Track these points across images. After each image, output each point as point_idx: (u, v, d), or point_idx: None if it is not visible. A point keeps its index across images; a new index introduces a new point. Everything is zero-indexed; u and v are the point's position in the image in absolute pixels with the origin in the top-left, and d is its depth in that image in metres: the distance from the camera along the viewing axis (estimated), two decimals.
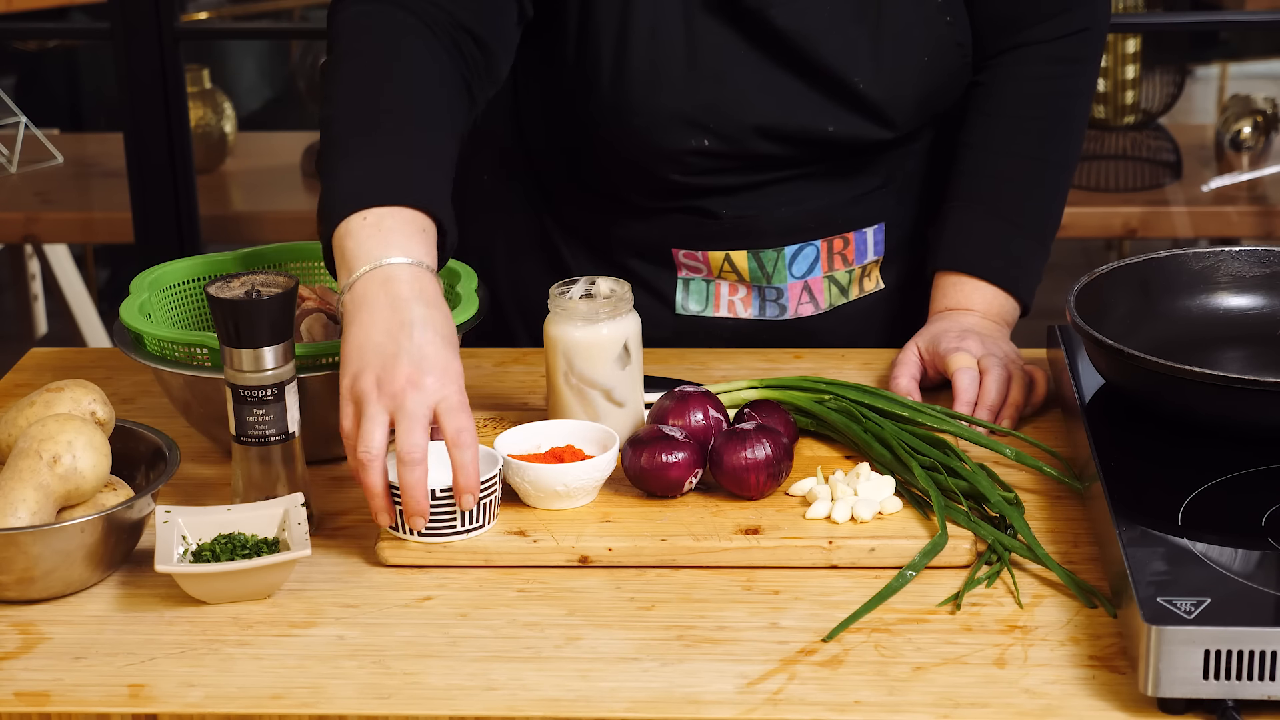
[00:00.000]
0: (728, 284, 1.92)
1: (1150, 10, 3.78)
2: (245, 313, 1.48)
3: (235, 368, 1.50)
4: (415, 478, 1.45)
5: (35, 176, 3.65)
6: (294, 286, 1.50)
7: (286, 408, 1.52)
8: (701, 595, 1.45)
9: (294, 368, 1.52)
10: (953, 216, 1.90)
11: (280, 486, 1.53)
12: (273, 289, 1.49)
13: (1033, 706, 1.29)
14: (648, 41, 1.80)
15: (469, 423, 1.46)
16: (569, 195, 1.95)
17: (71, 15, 4.67)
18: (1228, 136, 3.49)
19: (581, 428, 1.59)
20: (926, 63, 1.84)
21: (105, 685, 1.35)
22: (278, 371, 1.51)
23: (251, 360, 1.50)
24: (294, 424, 1.53)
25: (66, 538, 1.43)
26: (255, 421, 1.51)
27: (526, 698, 1.32)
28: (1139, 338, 1.63)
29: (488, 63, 1.75)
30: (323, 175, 1.60)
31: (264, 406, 1.51)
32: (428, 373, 1.47)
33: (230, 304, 1.48)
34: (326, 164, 1.60)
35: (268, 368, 1.50)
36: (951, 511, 1.51)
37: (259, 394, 1.51)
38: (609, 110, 1.82)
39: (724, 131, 1.82)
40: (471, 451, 1.46)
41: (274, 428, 1.52)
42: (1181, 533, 1.40)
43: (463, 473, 1.46)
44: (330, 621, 1.43)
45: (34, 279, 4.39)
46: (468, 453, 1.46)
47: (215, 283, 1.51)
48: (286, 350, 1.51)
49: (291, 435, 1.53)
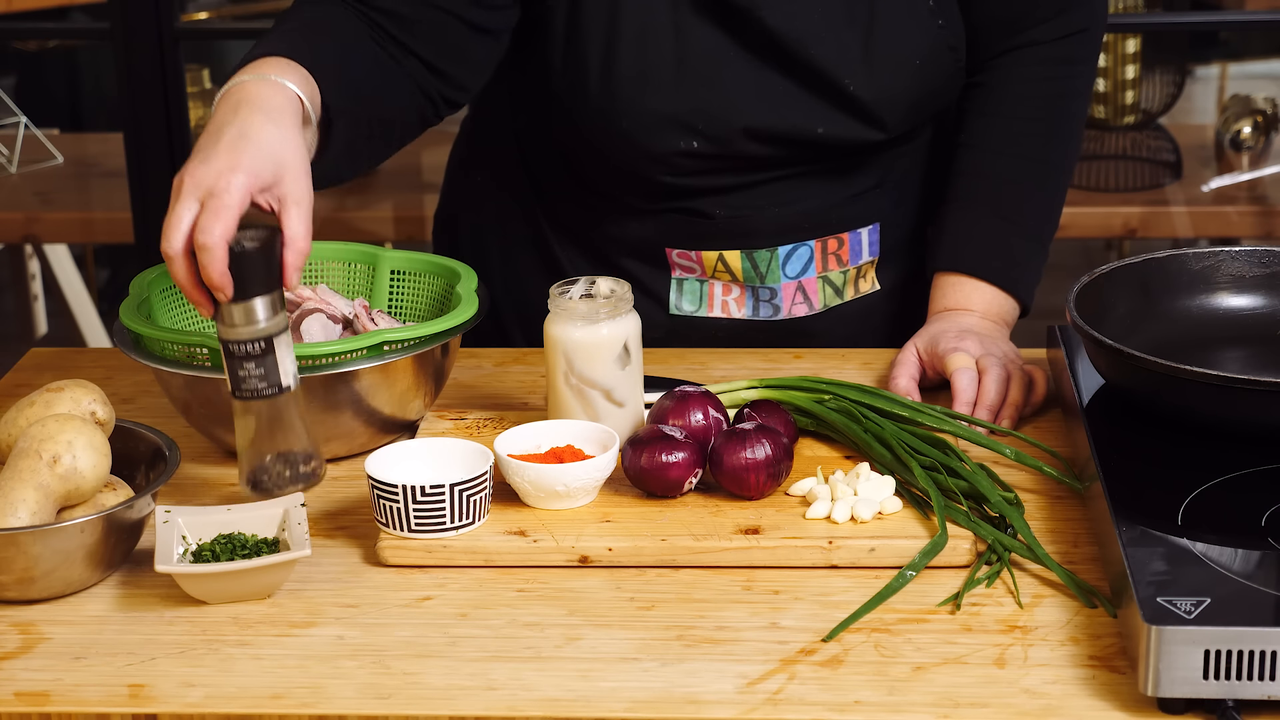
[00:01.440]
0: (721, 284, 1.92)
1: (1150, 10, 3.77)
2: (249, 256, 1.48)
3: (224, 323, 1.49)
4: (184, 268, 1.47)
5: (35, 176, 3.65)
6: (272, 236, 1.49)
7: (278, 361, 1.50)
8: (701, 595, 1.45)
9: (284, 320, 1.51)
10: (952, 217, 1.90)
11: (280, 442, 1.52)
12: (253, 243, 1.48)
13: (1033, 706, 1.29)
14: (636, 43, 1.80)
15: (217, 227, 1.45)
16: (563, 195, 1.95)
17: (71, 15, 4.67)
18: (1228, 136, 3.49)
19: (581, 428, 1.59)
20: (918, 65, 1.84)
21: (105, 685, 1.35)
22: (265, 326, 1.49)
23: (239, 314, 1.48)
24: (288, 377, 1.51)
25: (66, 538, 1.43)
26: (247, 376, 1.50)
27: (526, 698, 1.32)
28: (1139, 338, 1.63)
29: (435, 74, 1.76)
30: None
31: (253, 360, 1.49)
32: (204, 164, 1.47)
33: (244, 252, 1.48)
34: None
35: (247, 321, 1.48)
36: (951, 511, 1.51)
37: (247, 348, 1.49)
38: (597, 113, 1.82)
39: (713, 133, 1.82)
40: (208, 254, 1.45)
41: (265, 381, 1.50)
42: (1181, 533, 1.40)
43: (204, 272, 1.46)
44: (330, 621, 1.43)
45: (34, 279, 4.39)
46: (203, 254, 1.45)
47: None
48: (272, 303, 1.49)
49: (285, 389, 1.51)
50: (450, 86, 1.78)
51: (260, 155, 1.49)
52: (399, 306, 1.82)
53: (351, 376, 1.62)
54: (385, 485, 1.50)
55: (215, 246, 1.45)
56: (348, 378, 1.62)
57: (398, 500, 1.49)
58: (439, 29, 1.76)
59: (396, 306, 1.82)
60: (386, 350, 1.63)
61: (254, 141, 1.49)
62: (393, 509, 1.50)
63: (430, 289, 1.80)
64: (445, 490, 1.49)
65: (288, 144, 1.51)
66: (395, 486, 1.49)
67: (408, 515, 1.50)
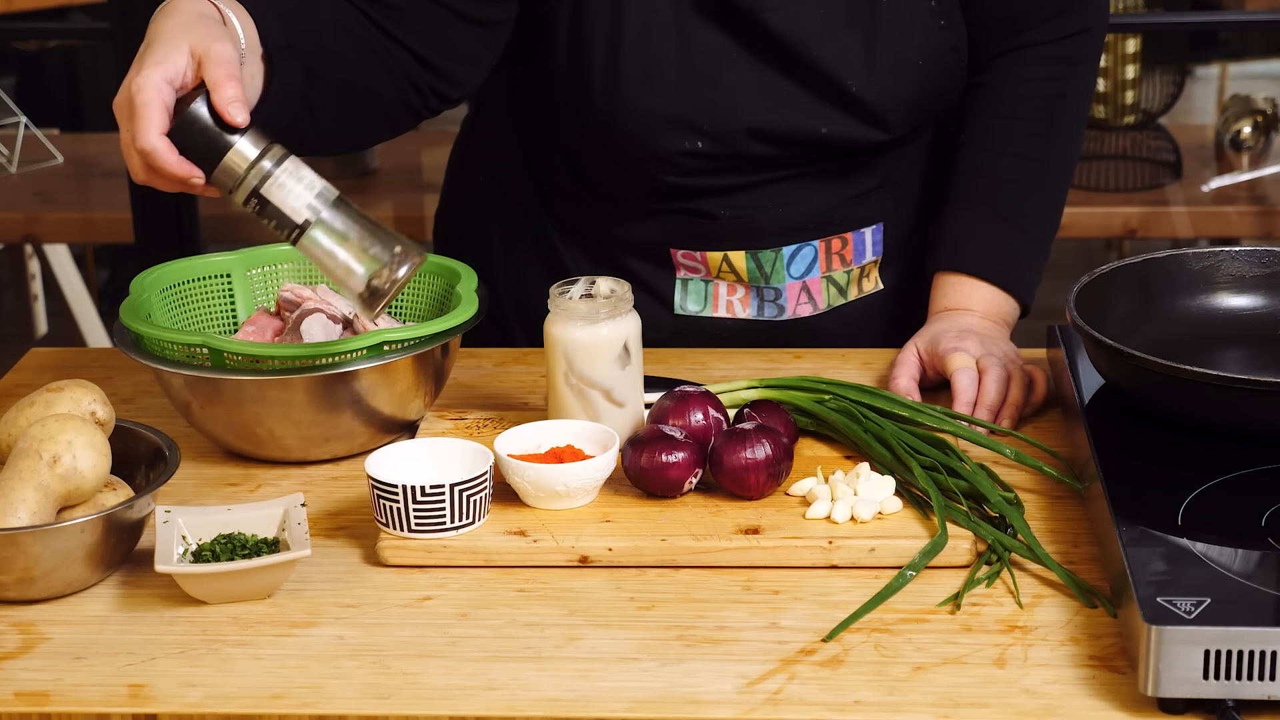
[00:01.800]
0: (726, 284, 1.92)
1: (1150, 10, 3.77)
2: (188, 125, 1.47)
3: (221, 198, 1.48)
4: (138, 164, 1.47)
5: (35, 176, 3.65)
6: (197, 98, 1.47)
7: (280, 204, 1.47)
8: (701, 595, 1.45)
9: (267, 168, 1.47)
10: (952, 217, 1.90)
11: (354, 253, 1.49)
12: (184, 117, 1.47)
13: (1033, 706, 1.29)
14: (640, 44, 1.80)
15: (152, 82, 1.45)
16: (567, 195, 1.95)
17: (71, 15, 4.67)
18: (1228, 136, 3.49)
19: (581, 428, 1.59)
20: (920, 66, 1.84)
21: (105, 685, 1.35)
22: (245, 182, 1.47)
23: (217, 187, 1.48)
24: (304, 211, 1.48)
25: (66, 538, 1.43)
26: (271, 228, 1.49)
27: (526, 698, 1.32)
28: (1139, 338, 1.63)
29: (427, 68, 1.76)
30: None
31: (263, 216, 1.49)
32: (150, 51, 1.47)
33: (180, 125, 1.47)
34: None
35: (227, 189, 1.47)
36: (951, 511, 1.51)
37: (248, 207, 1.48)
38: (601, 114, 1.82)
39: (717, 134, 1.82)
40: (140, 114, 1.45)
41: (284, 227, 1.49)
42: (1181, 533, 1.40)
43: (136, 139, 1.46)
44: (330, 621, 1.43)
45: (34, 279, 4.39)
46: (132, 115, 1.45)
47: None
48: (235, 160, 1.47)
49: (305, 224, 1.48)
50: (441, 80, 1.78)
51: (166, 47, 1.49)
52: (399, 306, 1.82)
53: (351, 376, 1.62)
54: (385, 485, 1.50)
55: (153, 149, 1.46)
56: (348, 378, 1.62)
57: (398, 500, 1.49)
58: (428, 19, 1.75)
59: (396, 306, 1.82)
60: (386, 350, 1.63)
61: (158, 41, 1.49)
62: (393, 509, 1.50)
63: (430, 289, 1.80)
64: (445, 490, 1.49)
65: (190, 28, 1.50)
66: (395, 486, 1.49)
67: (408, 515, 1.50)
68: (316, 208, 1.49)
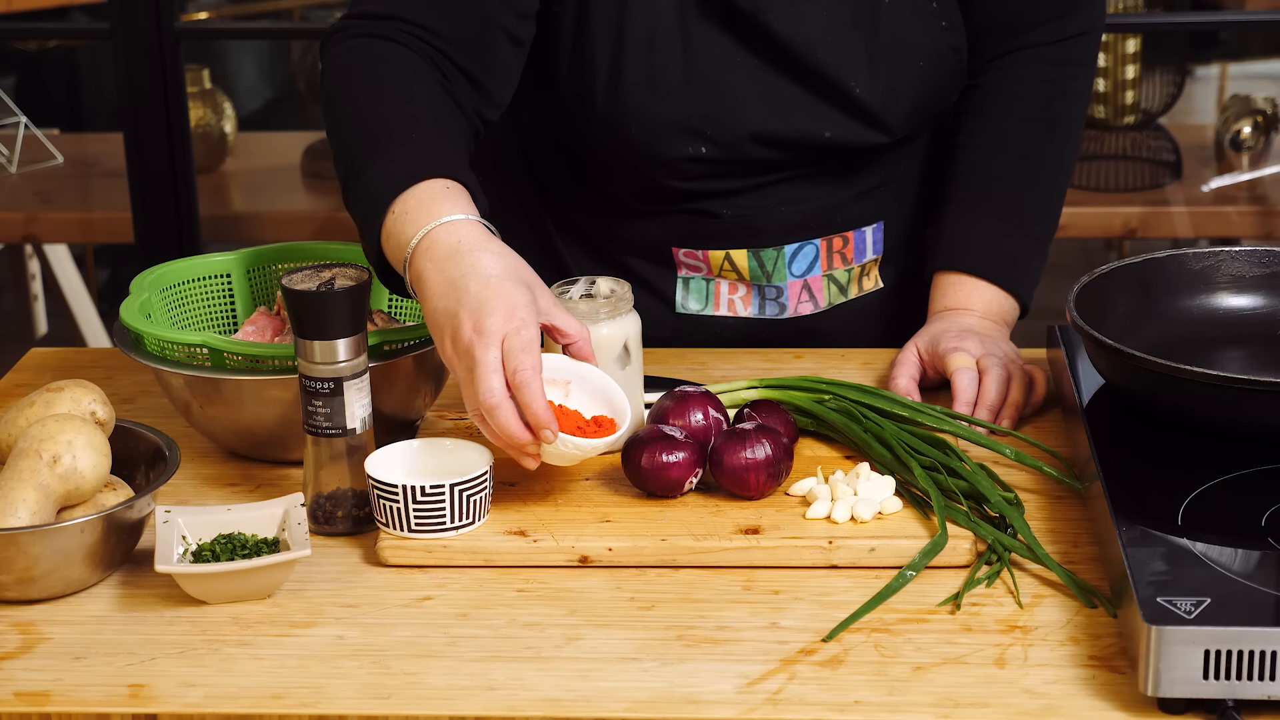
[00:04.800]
0: (728, 283, 1.92)
1: (1150, 10, 3.78)
2: (310, 304, 1.50)
3: (303, 357, 1.52)
4: (511, 411, 1.46)
5: (35, 176, 3.65)
6: (361, 278, 1.52)
7: (345, 404, 1.52)
8: (701, 595, 1.45)
9: (360, 365, 1.52)
10: (952, 217, 1.90)
11: (337, 480, 1.54)
12: (346, 281, 1.51)
13: (1033, 706, 1.29)
14: (644, 50, 1.80)
15: (529, 361, 1.46)
16: (567, 195, 1.95)
17: (71, 15, 4.67)
18: (1228, 136, 3.49)
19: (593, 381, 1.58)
20: (922, 68, 1.84)
21: (105, 685, 1.35)
22: (340, 367, 1.51)
23: (319, 352, 1.51)
24: (354, 420, 1.53)
25: (66, 538, 1.43)
26: (313, 412, 1.53)
27: (526, 698, 1.32)
28: (1139, 338, 1.63)
29: (477, 90, 1.75)
30: (352, 183, 1.61)
31: (321, 399, 1.52)
32: (487, 316, 1.47)
33: (295, 295, 1.50)
34: (356, 169, 1.61)
35: (324, 359, 1.51)
36: (951, 511, 1.51)
37: (314, 385, 1.52)
38: (605, 119, 1.82)
39: (721, 139, 1.82)
40: (529, 390, 1.45)
41: (330, 421, 1.52)
42: (1181, 533, 1.40)
43: (526, 411, 1.46)
44: (330, 621, 1.43)
45: (34, 279, 4.39)
46: (524, 392, 1.45)
47: (300, 272, 1.53)
48: (353, 346, 1.51)
49: (349, 431, 1.53)
50: (485, 101, 1.77)
51: (517, 286, 1.50)
52: (399, 306, 1.82)
53: None
54: (385, 485, 1.50)
55: (531, 382, 1.45)
56: None
57: (398, 500, 1.49)
58: (481, 42, 1.74)
59: (397, 306, 1.82)
60: (386, 350, 1.63)
61: (502, 279, 1.50)
62: (393, 509, 1.50)
63: None
64: (445, 490, 1.49)
65: (520, 265, 1.53)
66: (395, 486, 1.49)
67: (408, 515, 1.50)
68: (366, 422, 1.55)
